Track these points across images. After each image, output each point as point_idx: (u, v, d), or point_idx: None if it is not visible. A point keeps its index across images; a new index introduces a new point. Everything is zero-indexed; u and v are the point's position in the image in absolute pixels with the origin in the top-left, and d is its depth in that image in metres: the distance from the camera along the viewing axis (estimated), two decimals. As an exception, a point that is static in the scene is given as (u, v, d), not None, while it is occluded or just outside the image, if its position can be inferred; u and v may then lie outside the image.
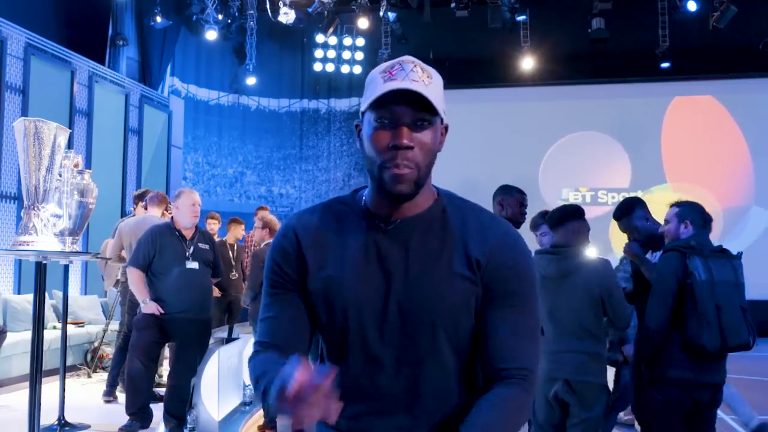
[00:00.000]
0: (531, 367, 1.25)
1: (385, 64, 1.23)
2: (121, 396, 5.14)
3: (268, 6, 11.42)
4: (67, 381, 5.04)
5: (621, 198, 4.32)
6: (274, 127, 13.84)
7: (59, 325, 5.85)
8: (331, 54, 13.52)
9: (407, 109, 1.19)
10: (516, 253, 1.27)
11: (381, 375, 1.25)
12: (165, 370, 6.01)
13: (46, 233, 3.75)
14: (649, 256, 3.56)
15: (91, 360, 6.80)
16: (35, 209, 3.73)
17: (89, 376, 6.61)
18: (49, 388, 5.32)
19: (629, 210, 3.66)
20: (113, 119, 9.57)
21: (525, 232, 3.56)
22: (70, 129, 4.75)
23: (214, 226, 7.23)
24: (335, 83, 13.77)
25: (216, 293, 5.47)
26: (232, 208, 12.70)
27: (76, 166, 4.32)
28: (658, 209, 3.73)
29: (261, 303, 1.33)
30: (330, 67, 13.55)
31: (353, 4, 11.53)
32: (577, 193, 12.66)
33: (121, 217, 7.99)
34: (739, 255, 3.13)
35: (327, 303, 1.26)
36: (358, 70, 13.44)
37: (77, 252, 4.37)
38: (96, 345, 6.86)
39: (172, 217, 4.63)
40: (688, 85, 12.59)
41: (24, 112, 7.65)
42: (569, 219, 3.22)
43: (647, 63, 12.11)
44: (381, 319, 1.23)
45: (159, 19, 10.49)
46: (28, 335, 4.97)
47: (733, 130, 12.30)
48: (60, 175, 4.07)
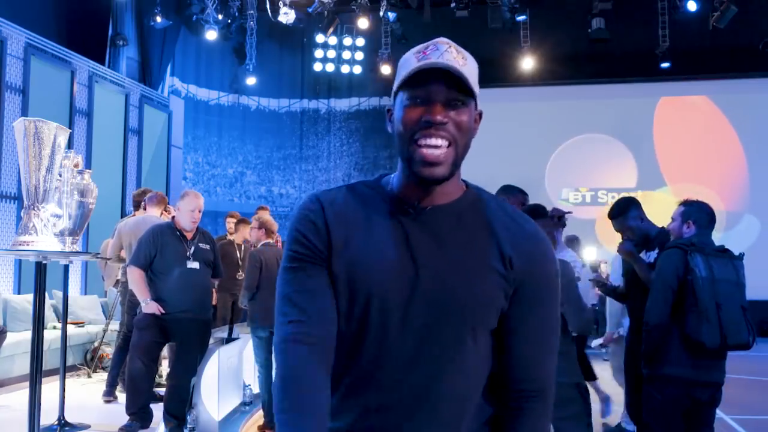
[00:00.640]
0: (551, 386, 1.24)
1: (420, 45, 1.17)
2: (121, 396, 5.13)
3: (268, 6, 11.42)
4: (67, 381, 5.03)
5: (621, 197, 4.32)
6: (274, 127, 13.84)
7: (59, 325, 5.85)
8: (331, 54, 13.52)
9: (441, 87, 1.13)
10: (548, 258, 1.23)
11: (396, 370, 1.17)
12: (165, 370, 6.01)
13: (46, 233, 3.74)
14: (643, 255, 3.57)
15: (91, 360, 6.80)
16: (35, 209, 3.72)
17: (89, 376, 6.60)
18: (49, 388, 5.32)
19: (624, 210, 3.65)
20: (113, 119, 9.57)
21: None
22: (70, 129, 4.76)
23: (232, 225, 7.22)
24: (335, 83, 13.78)
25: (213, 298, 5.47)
26: (232, 208, 12.68)
27: (76, 166, 4.31)
28: (657, 209, 3.74)
29: (281, 279, 1.22)
30: (330, 67, 13.55)
31: (353, 4, 11.53)
32: (577, 193, 12.67)
33: (121, 217, 8.00)
34: (741, 255, 3.14)
35: (350, 287, 1.17)
36: (358, 70, 13.44)
37: (77, 252, 4.37)
38: (96, 345, 6.86)
39: (173, 217, 4.64)
40: (687, 85, 12.59)
41: (24, 112, 7.65)
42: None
43: (647, 63, 12.11)
44: (405, 310, 1.15)
45: (159, 19, 10.49)
46: (28, 335, 4.97)
47: (733, 130, 12.31)
48: (60, 175, 4.07)
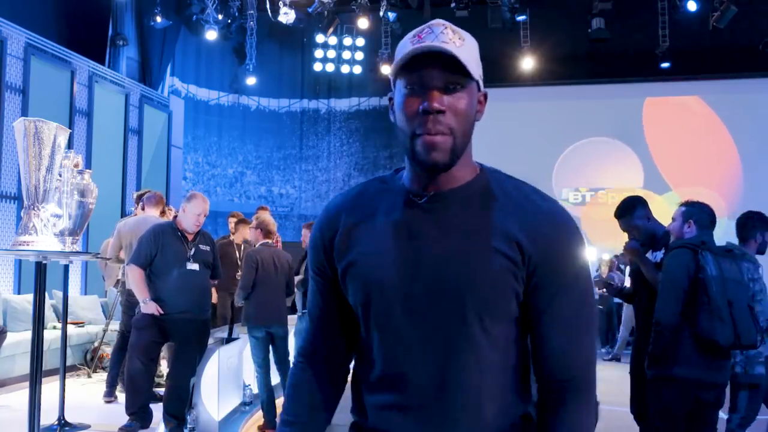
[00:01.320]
0: (587, 375, 1.19)
1: (416, 29, 1.15)
2: (121, 396, 5.13)
3: (268, 6, 11.41)
4: (67, 381, 5.03)
5: (620, 197, 4.30)
6: (274, 127, 13.84)
7: (59, 325, 5.85)
8: (331, 54, 13.52)
9: (437, 72, 1.10)
10: (569, 241, 1.15)
11: (408, 360, 1.15)
12: (165, 370, 6.01)
13: (46, 233, 3.74)
14: (649, 255, 3.56)
15: (91, 360, 6.79)
16: (35, 209, 3.72)
17: (89, 376, 6.60)
18: (49, 388, 5.32)
19: (630, 209, 3.63)
20: (113, 119, 9.57)
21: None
22: (70, 129, 4.75)
23: (233, 225, 7.21)
24: (335, 83, 13.78)
25: (213, 298, 5.47)
26: (232, 208, 12.69)
27: (76, 166, 4.31)
28: (658, 210, 3.73)
29: (308, 288, 1.33)
30: (330, 67, 13.55)
31: (353, 4, 11.53)
32: (577, 193, 12.67)
33: (121, 217, 8.00)
34: (744, 255, 3.15)
35: (353, 284, 1.20)
36: (358, 70, 13.44)
37: (77, 252, 4.37)
38: (96, 345, 6.86)
39: (175, 217, 4.63)
40: (687, 85, 12.59)
41: (24, 112, 7.65)
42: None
43: (647, 63, 12.11)
44: (408, 300, 1.14)
45: (159, 19, 10.49)
46: (28, 335, 4.97)
47: (732, 130, 12.30)
48: (60, 175, 4.07)
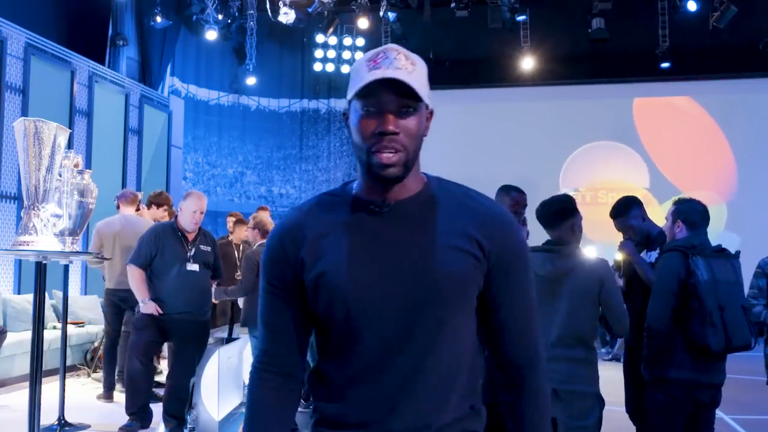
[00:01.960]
0: (542, 353, 1.35)
1: (371, 52, 1.26)
2: (121, 396, 5.13)
3: (268, 6, 11.41)
4: (67, 381, 5.04)
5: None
6: (274, 127, 13.84)
7: (59, 325, 5.85)
8: (331, 54, 13.52)
9: (392, 97, 1.21)
10: (517, 236, 1.32)
11: (386, 354, 1.24)
12: (165, 370, 6.02)
13: (46, 233, 3.74)
14: (644, 255, 3.56)
15: (91, 360, 6.80)
16: (35, 209, 3.72)
17: (89, 376, 6.61)
18: (49, 388, 5.32)
19: (625, 209, 3.63)
20: (113, 119, 9.57)
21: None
22: (70, 129, 4.75)
23: (232, 224, 7.21)
24: (335, 83, 13.77)
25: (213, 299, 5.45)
26: (232, 208, 12.67)
27: (76, 166, 4.31)
28: (655, 208, 3.72)
29: (259, 302, 1.36)
30: (330, 67, 13.55)
31: (353, 4, 11.53)
32: (577, 193, 12.67)
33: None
34: (737, 254, 3.11)
35: (326, 292, 1.25)
36: (358, 70, 13.42)
37: (77, 252, 4.36)
38: (96, 345, 6.86)
39: (176, 217, 4.63)
40: (687, 85, 12.59)
41: (24, 112, 7.65)
42: (566, 217, 2.94)
43: (647, 63, 12.11)
44: (385, 296, 1.23)
45: (159, 19, 10.48)
46: (28, 335, 4.97)
47: (732, 129, 12.31)
48: (60, 175, 4.07)
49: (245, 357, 5.56)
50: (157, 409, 4.77)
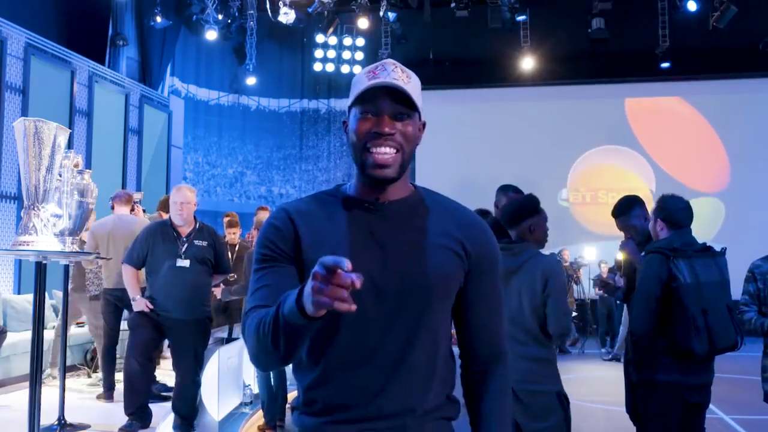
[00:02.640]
0: (506, 344, 1.48)
1: (370, 66, 1.37)
2: (121, 396, 5.13)
3: (268, 6, 11.42)
4: (67, 381, 5.03)
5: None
6: (274, 127, 13.84)
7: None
8: (331, 54, 13.52)
9: (388, 102, 1.32)
10: (494, 243, 1.45)
11: (374, 339, 1.31)
12: (164, 369, 6.02)
13: (46, 233, 3.74)
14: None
15: (91, 360, 6.80)
16: (35, 209, 3.72)
17: (89, 376, 6.61)
18: (49, 388, 5.32)
19: (627, 208, 3.61)
20: (113, 119, 9.57)
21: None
22: (70, 129, 4.75)
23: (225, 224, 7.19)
24: (335, 83, 13.78)
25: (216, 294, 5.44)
26: (232, 208, 12.68)
27: (76, 166, 4.31)
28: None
29: (250, 281, 1.37)
30: (330, 67, 13.56)
31: (353, 4, 11.53)
32: (577, 193, 12.67)
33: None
34: (723, 251, 3.04)
35: None
36: (358, 70, 13.40)
37: (77, 252, 4.36)
38: (96, 345, 6.86)
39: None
40: (687, 85, 12.60)
41: (24, 112, 7.65)
42: (524, 217, 2.95)
43: (647, 63, 12.11)
44: (377, 284, 1.30)
45: (159, 19, 10.49)
46: (28, 335, 4.97)
47: (732, 129, 12.31)
48: (60, 175, 4.07)
49: (245, 357, 5.57)
50: (157, 409, 4.77)
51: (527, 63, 12.32)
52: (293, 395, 5.76)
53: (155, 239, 4.43)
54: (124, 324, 5.68)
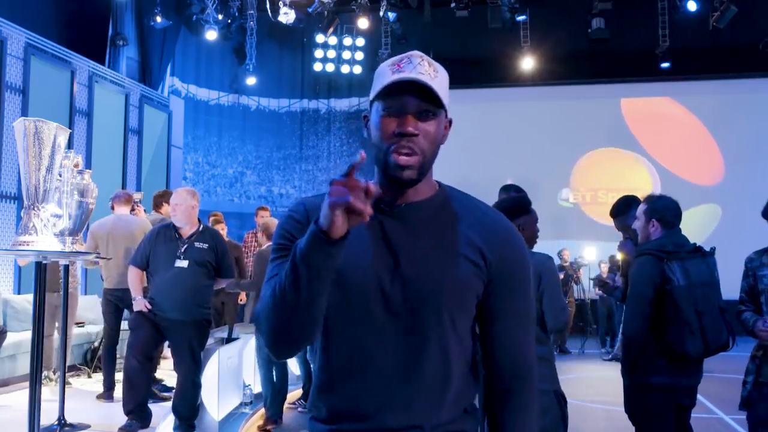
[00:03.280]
0: (535, 366, 1.37)
1: (395, 57, 1.28)
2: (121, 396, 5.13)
3: (268, 6, 11.42)
4: (67, 381, 5.03)
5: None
6: (274, 127, 13.84)
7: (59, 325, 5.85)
8: (331, 54, 13.52)
9: (413, 100, 1.23)
10: (520, 249, 1.34)
11: (382, 350, 1.25)
12: (164, 369, 6.02)
13: (46, 233, 3.74)
14: None
15: (91, 360, 6.80)
16: (35, 209, 3.72)
17: (89, 376, 6.61)
18: (49, 388, 5.32)
19: (626, 208, 3.60)
20: (113, 119, 9.57)
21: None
22: (70, 129, 4.75)
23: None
24: (335, 83, 13.78)
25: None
26: (232, 208, 12.71)
27: (76, 166, 4.32)
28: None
29: (267, 268, 1.33)
30: (330, 67, 13.55)
31: (353, 4, 11.53)
32: (577, 193, 12.67)
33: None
34: (713, 251, 3.03)
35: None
36: (358, 70, 13.44)
37: (77, 252, 4.37)
38: (96, 345, 6.86)
39: None
40: (687, 85, 12.60)
41: (24, 112, 7.65)
42: (512, 217, 2.86)
43: (647, 63, 12.11)
44: (387, 294, 1.25)
45: (159, 19, 10.48)
46: (28, 335, 4.97)
47: (733, 129, 12.30)
48: (60, 175, 4.07)
49: (245, 357, 5.57)
50: (157, 409, 4.77)
51: (527, 63, 12.32)
52: (293, 395, 5.76)
53: (157, 240, 4.48)
54: (124, 324, 5.69)
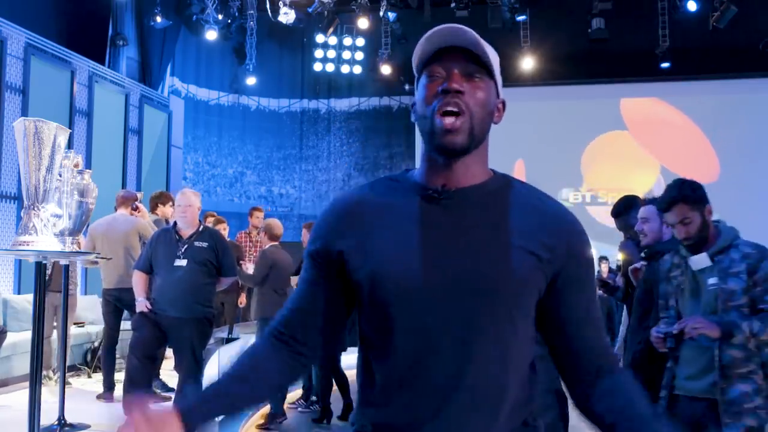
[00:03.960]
0: (617, 356, 1.27)
1: (436, 28, 1.19)
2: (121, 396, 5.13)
3: (268, 6, 11.41)
4: (67, 381, 5.03)
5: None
6: (274, 127, 13.84)
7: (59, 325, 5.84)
8: (331, 54, 13.51)
9: (461, 61, 1.15)
10: (586, 243, 1.22)
11: (431, 358, 1.12)
12: (164, 369, 6.02)
13: (46, 233, 3.74)
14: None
15: (91, 360, 6.80)
16: (35, 209, 3.72)
17: (89, 376, 6.61)
18: (49, 388, 5.32)
19: (627, 208, 3.60)
20: (113, 119, 9.57)
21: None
22: (70, 129, 4.75)
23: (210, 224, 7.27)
24: (335, 83, 13.77)
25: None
26: (232, 208, 12.70)
27: (76, 166, 4.32)
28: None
29: (299, 279, 1.29)
30: (330, 67, 13.55)
31: (353, 4, 11.53)
32: (577, 193, 12.67)
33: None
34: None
35: (370, 278, 1.15)
36: (358, 70, 13.44)
37: (77, 252, 4.37)
38: (96, 345, 6.86)
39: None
40: (687, 85, 12.59)
41: (24, 112, 7.65)
42: None
43: (647, 63, 12.11)
44: (435, 297, 1.11)
45: (159, 19, 10.48)
46: (28, 335, 4.97)
47: (733, 129, 12.30)
48: (60, 175, 4.07)
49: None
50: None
51: (527, 63, 12.32)
52: (293, 395, 5.76)
53: (158, 242, 4.57)
54: (124, 324, 5.70)
